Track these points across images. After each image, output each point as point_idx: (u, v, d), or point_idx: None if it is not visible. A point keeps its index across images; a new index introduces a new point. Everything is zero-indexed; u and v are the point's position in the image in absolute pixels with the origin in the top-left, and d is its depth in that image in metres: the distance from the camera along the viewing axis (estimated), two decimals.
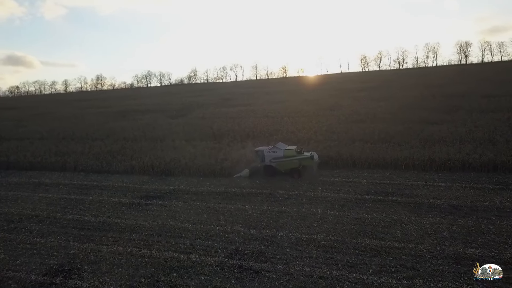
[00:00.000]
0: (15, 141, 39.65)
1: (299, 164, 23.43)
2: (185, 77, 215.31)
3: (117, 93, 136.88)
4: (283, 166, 23.84)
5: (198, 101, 70.94)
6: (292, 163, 23.52)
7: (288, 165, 23.68)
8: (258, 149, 25.17)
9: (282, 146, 24.66)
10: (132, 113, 58.33)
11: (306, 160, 23.30)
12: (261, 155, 24.53)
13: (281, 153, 23.79)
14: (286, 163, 23.69)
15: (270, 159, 24.09)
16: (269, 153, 24.18)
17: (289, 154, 23.64)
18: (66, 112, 66.64)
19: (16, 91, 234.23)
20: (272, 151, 24.15)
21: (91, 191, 22.97)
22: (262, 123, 41.12)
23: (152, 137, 36.54)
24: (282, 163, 23.83)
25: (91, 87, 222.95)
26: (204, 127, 40.14)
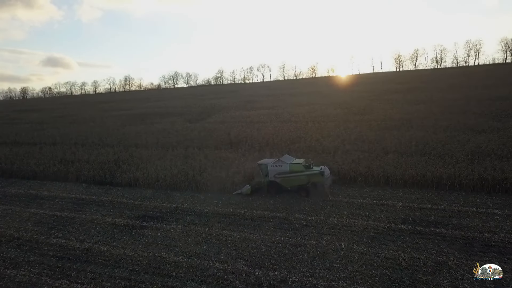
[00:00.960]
0: (27, 146, 38.77)
1: (307, 181, 20.48)
2: (211, 78, 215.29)
3: (142, 95, 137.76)
4: (289, 182, 20.97)
5: (220, 103, 68.80)
6: (299, 179, 20.60)
7: (294, 182, 20.80)
8: (261, 162, 22.35)
9: (288, 159, 21.79)
10: (151, 116, 56.88)
11: (315, 176, 20.23)
12: (264, 170, 21.70)
13: (286, 167, 20.90)
14: (292, 179, 20.79)
15: (274, 174, 21.22)
16: (273, 167, 21.30)
17: (296, 168, 20.69)
18: (86, 114, 66.35)
19: (48, 92, 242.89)
20: (277, 165, 21.29)
21: (86, 208, 20.88)
22: (284, 129, 38.13)
23: (165, 144, 34.41)
24: (288, 179, 20.93)
25: (119, 88, 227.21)
26: (221, 132, 37.64)
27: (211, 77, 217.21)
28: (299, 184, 20.70)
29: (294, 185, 20.89)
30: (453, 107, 44.77)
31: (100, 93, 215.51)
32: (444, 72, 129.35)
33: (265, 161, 22.52)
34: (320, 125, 39.30)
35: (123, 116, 60.29)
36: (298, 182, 20.65)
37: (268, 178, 21.38)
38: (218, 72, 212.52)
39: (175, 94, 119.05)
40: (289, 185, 21.01)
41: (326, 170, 20.65)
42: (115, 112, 67.71)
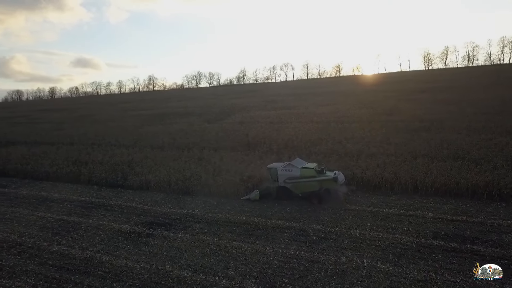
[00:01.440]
0: (45, 146, 38.87)
1: (319, 187, 19.11)
2: (234, 77, 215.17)
3: (164, 95, 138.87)
4: (300, 188, 19.63)
5: (240, 103, 67.80)
6: (310, 185, 19.28)
7: (306, 188, 19.47)
8: (271, 166, 21.07)
9: (299, 163, 20.38)
10: (171, 116, 56.49)
11: (328, 182, 18.89)
12: (273, 174, 20.44)
13: (297, 172, 19.56)
14: (303, 184, 19.46)
15: (284, 179, 19.92)
16: (283, 172, 19.99)
17: (307, 173, 19.36)
18: (106, 114, 66.82)
19: (75, 92, 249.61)
20: (287, 169, 19.96)
21: (94, 212, 20.13)
22: (305, 129, 36.62)
23: (181, 145, 33.58)
24: (298, 184, 19.61)
25: (143, 88, 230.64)
26: (239, 133, 36.52)
27: (234, 77, 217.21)
28: (311, 190, 19.38)
29: (305, 191, 19.58)
30: (487, 107, 41.99)
31: (125, 93, 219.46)
32: (476, 70, 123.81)
33: (275, 164, 21.26)
34: (343, 126, 37.56)
35: (143, 116, 60.22)
36: (310, 188, 19.36)
37: (278, 183, 20.14)
38: (241, 72, 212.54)
39: (197, 94, 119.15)
40: (300, 191, 19.72)
41: (340, 176, 19.23)
42: (135, 112, 67.88)
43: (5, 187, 26.78)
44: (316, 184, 19.19)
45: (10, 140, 44.60)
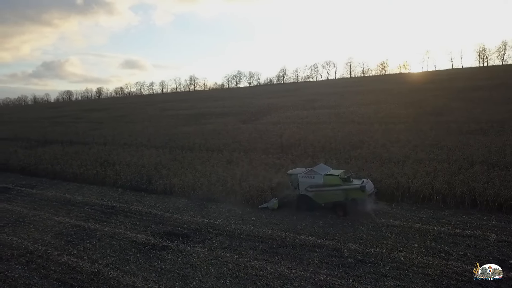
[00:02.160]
0: (78, 146, 39.16)
1: (345, 197, 16.95)
2: (274, 76, 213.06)
3: (203, 94, 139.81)
4: (323, 197, 17.58)
5: (277, 103, 65.80)
6: (335, 194, 17.16)
7: (329, 197, 17.41)
8: (292, 172, 19.17)
9: (322, 169, 18.26)
10: (206, 116, 55.69)
11: (355, 191, 16.67)
12: (294, 181, 18.51)
13: (320, 179, 17.49)
14: (326, 194, 17.38)
15: (305, 186, 17.91)
16: (304, 179, 18.00)
17: (331, 181, 17.22)
18: (144, 114, 67.41)
19: (120, 92, 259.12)
20: (309, 176, 17.94)
21: (112, 219, 19.07)
22: (345, 131, 34.01)
23: (211, 147, 32.24)
24: (321, 193, 17.55)
25: (184, 87, 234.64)
26: (272, 134, 34.61)
27: (274, 76, 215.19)
28: (335, 200, 17.31)
29: (329, 201, 17.56)
30: None
31: (166, 93, 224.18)
32: None
33: (296, 170, 19.32)
34: (387, 127, 34.51)
35: (180, 116, 59.97)
36: (334, 197, 17.29)
37: (299, 191, 18.20)
38: (281, 71, 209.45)
39: (235, 94, 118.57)
40: (323, 201, 17.70)
41: (369, 185, 16.94)
42: (173, 111, 67.96)
43: (34, 187, 26.71)
44: (341, 194, 17.09)
45: (48, 139, 45.65)
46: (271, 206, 18.81)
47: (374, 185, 17.59)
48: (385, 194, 18.88)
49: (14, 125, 70.77)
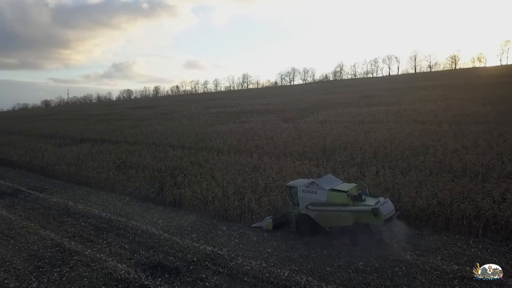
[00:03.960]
0: (108, 144, 37.35)
1: (353, 221, 13.14)
2: (330, 73, 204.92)
3: (253, 92, 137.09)
4: (327, 219, 13.89)
5: (328, 99, 60.33)
6: (341, 217, 13.34)
7: (334, 220, 13.66)
8: (291, 184, 15.13)
9: (328, 182, 14.27)
10: (248, 114, 51.96)
11: (365, 215, 12.70)
12: (294, 195, 14.80)
13: (323, 195, 13.73)
14: (331, 215, 13.67)
15: (306, 203, 14.00)
16: (305, 194, 14.15)
17: (337, 199, 13.41)
18: (186, 112, 65.41)
19: (176, 90, 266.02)
20: (310, 190, 14.04)
21: (101, 238, 15.82)
22: (404, 132, 28.27)
23: (242, 149, 28.29)
24: (324, 214, 13.61)
25: (237, 86, 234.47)
26: (315, 135, 29.82)
27: (330, 72, 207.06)
28: (342, 225, 13.25)
29: (334, 225, 13.57)
30: None
31: (219, 91, 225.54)
32: None
33: (297, 182, 15.27)
34: (459, 128, 28.15)
35: (221, 114, 56.92)
36: (340, 221, 13.30)
37: (299, 209, 14.32)
38: (337, 66, 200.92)
39: (285, 91, 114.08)
40: (327, 224, 13.80)
41: (387, 205, 12.86)
42: (215, 109, 65.23)
43: (43, 191, 24.64)
44: (349, 217, 13.04)
45: (84, 137, 44.72)
46: (264, 226, 15.17)
47: (394, 207, 13.19)
48: (457, 225, 13.62)
49: (63, 122, 72.50)
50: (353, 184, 14.59)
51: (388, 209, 12.63)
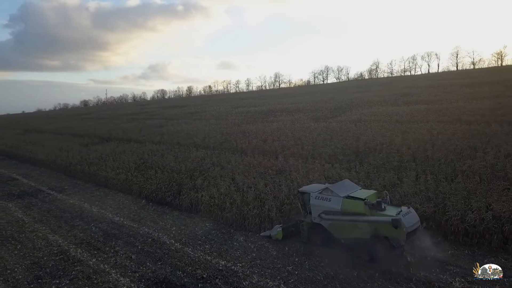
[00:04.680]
0: (132, 144, 36.75)
1: (371, 233, 11.57)
2: (365, 71, 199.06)
3: (284, 91, 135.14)
4: (342, 230, 12.33)
5: (363, 98, 57.43)
6: (357, 228, 11.84)
7: (350, 231, 12.10)
8: (304, 190, 13.78)
9: (344, 188, 12.87)
10: (276, 113, 50.25)
11: (384, 226, 11.12)
12: (306, 202, 13.30)
13: (337, 203, 12.21)
14: (346, 226, 12.13)
15: (319, 212, 12.66)
16: (318, 201, 12.76)
17: (353, 207, 11.89)
18: (215, 111, 64.42)
19: (208, 90, 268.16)
20: (324, 196, 12.52)
21: (108, 245, 14.70)
22: (447, 133, 25.58)
23: (267, 150, 26.65)
24: (339, 224, 12.29)
25: (269, 85, 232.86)
26: (348, 135, 27.67)
27: (365, 70, 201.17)
28: (358, 237, 11.87)
29: (350, 237, 11.88)
30: None
31: (251, 91, 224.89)
32: None
33: (310, 187, 13.82)
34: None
35: (250, 113, 55.46)
36: (356, 232, 11.88)
37: (311, 218, 12.76)
38: (373, 64, 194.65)
39: (317, 89, 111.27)
40: (342, 235, 12.17)
41: (410, 216, 11.28)
42: (244, 108, 63.89)
43: (62, 191, 24.13)
44: (367, 228, 11.56)
45: (111, 136, 44.60)
46: (273, 236, 13.79)
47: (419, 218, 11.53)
48: None
49: (96, 121, 73.63)
50: (372, 190, 12.99)
51: (411, 220, 11.01)
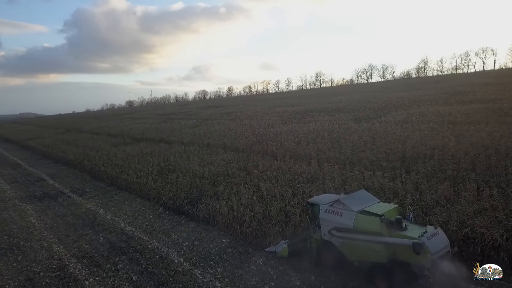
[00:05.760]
0: (162, 144, 35.64)
1: (389, 256, 9.52)
2: (412, 69, 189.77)
3: (325, 90, 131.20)
4: (355, 252, 10.30)
5: (410, 96, 53.25)
6: (372, 250, 9.76)
7: (364, 253, 10.08)
8: (314, 201, 11.77)
9: (357, 201, 10.73)
10: (314, 113, 47.52)
11: (405, 250, 9.10)
12: (316, 215, 11.28)
13: (349, 218, 10.15)
14: (359, 246, 10.06)
15: (329, 228, 10.64)
16: (328, 214, 10.73)
17: (367, 225, 9.83)
18: (250, 112, 62.55)
19: (248, 91, 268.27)
20: (334, 210, 10.65)
21: (111, 262, 13.08)
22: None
23: (300, 153, 24.24)
24: (351, 244, 10.24)
25: (310, 84, 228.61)
26: (392, 138, 24.65)
27: (412, 68, 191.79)
28: (373, 261, 9.87)
29: (364, 260, 10.16)
30: None
31: (291, 90, 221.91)
32: None
33: (320, 198, 11.82)
34: None
35: (286, 113, 53.13)
36: (371, 255, 9.86)
37: (321, 233, 10.66)
38: (421, 62, 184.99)
39: (360, 88, 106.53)
40: (356, 257, 10.39)
41: (438, 239, 9.20)
42: (281, 108, 61.58)
43: (83, 195, 23.16)
44: (383, 251, 9.57)
45: (144, 136, 44.04)
46: (279, 252, 12.05)
47: (448, 241, 9.51)
48: None
49: (133, 121, 74.24)
50: (392, 205, 10.76)
51: (438, 244, 8.95)
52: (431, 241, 8.85)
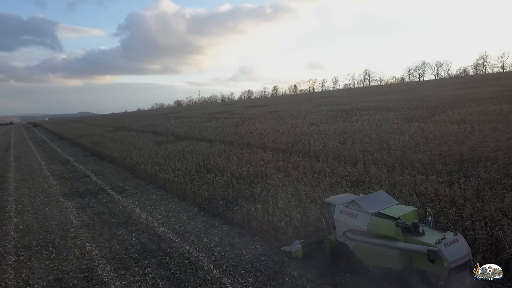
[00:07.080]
0: (203, 143, 35.37)
1: (403, 263, 8.32)
2: (469, 66, 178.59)
3: (374, 89, 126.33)
4: (368, 255, 9.20)
5: (468, 94, 49.37)
6: (385, 256, 8.56)
7: (377, 258, 8.93)
8: (330, 201, 10.78)
9: (374, 202, 9.56)
10: (362, 112, 45.32)
11: (420, 257, 7.91)
12: (331, 215, 10.36)
13: (363, 220, 9.07)
14: (373, 250, 8.90)
15: (344, 229, 9.61)
16: (342, 216, 9.75)
17: (381, 229, 8.68)
18: (294, 110, 61.14)
19: (293, 90, 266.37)
20: (349, 211, 9.62)
21: (139, 265, 12.53)
22: None
23: (345, 154, 22.72)
24: (365, 248, 9.14)
25: (358, 83, 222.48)
26: (448, 139, 22.45)
27: (469, 65, 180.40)
28: (387, 266, 8.66)
29: (378, 265, 9.05)
30: None
31: (338, 89, 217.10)
32: None
33: (336, 199, 10.79)
34: None
35: (331, 112, 51.25)
36: (385, 260, 8.67)
37: (336, 235, 9.60)
38: (480, 58, 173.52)
39: (412, 86, 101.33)
40: (370, 261, 9.29)
41: (457, 247, 7.93)
42: (326, 107, 59.64)
43: (122, 192, 23.19)
44: (397, 257, 8.40)
45: (187, 135, 44.25)
46: (293, 252, 11.28)
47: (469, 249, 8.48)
48: None
49: (179, 120, 75.33)
50: (411, 207, 9.54)
51: (457, 252, 7.85)
52: (448, 248, 7.80)
